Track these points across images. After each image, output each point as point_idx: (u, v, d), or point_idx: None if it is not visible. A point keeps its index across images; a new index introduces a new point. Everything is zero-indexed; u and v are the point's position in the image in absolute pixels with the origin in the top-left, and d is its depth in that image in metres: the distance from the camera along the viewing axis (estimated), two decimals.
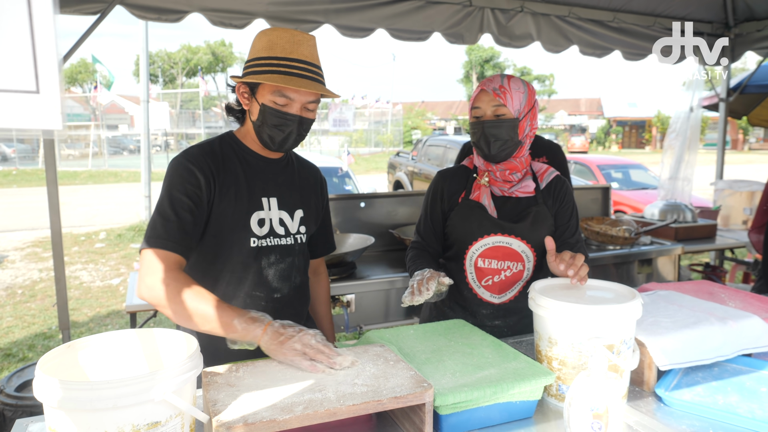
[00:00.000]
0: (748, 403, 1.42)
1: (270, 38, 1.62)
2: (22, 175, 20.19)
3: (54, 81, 0.57)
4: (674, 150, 5.56)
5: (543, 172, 2.06)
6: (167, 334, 1.21)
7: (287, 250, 1.77)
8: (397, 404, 1.18)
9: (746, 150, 40.40)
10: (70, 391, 0.91)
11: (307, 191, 1.88)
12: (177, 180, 1.60)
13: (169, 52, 41.86)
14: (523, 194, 1.98)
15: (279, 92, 1.61)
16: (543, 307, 1.44)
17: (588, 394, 1.19)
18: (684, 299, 1.83)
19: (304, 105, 1.65)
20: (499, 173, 1.97)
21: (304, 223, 1.83)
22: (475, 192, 2.00)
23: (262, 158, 1.77)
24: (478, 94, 1.94)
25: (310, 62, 1.63)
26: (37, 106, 0.58)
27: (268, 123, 1.65)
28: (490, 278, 1.97)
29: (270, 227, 1.74)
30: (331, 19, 3.79)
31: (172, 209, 1.56)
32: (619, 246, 4.16)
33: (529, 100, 1.93)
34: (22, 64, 0.55)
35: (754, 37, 4.87)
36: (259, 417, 1.08)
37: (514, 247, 1.94)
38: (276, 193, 1.77)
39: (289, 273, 1.79)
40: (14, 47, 0.53)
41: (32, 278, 7.05)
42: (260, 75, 1.60)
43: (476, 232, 1.95)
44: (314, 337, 1.38)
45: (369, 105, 33.92)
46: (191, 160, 1.63)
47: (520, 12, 4.21)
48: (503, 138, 1.89)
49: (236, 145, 1.75)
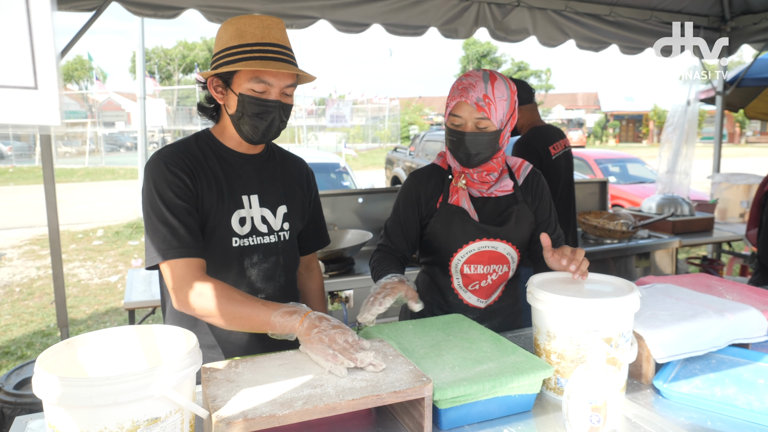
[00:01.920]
0: (745, 395, 1.42)
1: (237, 26, 1.57)
2: (18, 172, 20.13)
3: (52, 77, 0.57)
4: (672, 144, 5.57)
5: (518, 166, 1.99)
6: (166, 330, 1.21)
7: (270, 248, 1.72)
8: (396, 399, 1.19)
9: (743, 143, 40.46)
10: (69, 387, 0.91)
11: (291, 185, 1.82)
12: (164, 185, 1.55)
13: (166, 49, 41.76)
14: (501, 193, 1.93)
15: (257, 78, 1.56)
16: (541, 301, 1.44)
17: (586, 387, 1.20)
18: (681, 292, 1.84)
19: (283, 90, 1.60)
20: (476, 175, 1.90)
21: (288, 220, 1.77)
22: (453, 195, 1.91)
23: (240, 155, 1.71)
24: (459, 103, 1.80)
25: (283, 45, 1.58)
26: (35, 101, 0.57)
27: (249, 113, 1.59)
28: (477, 283, 1.93)
29: (252, 226, 1.69)
30: (326, 15, 3.78)
31: (173, 216, 1.53)
32: (616, 240, 4.17)
33: (511, 105, 1.84)
34: (20, 59, 0.55)
35: (750, 30, 4.88)
36: (258, 412, 1.08)
37: (499, 250, 1.90)
38: (257, 190, 1.71)
39: (273, 272, 1.74)
40: (12, 42, 0.53)
41: (30, 276, 7.04)
42: (234, 64, 1.55)
43: (461, 239, 1.89)
44: (343, 335, 1.36)
45: (366, 100, 33.87)
46: (170, 161, 1.58)
47: (517, 6, 4.22)
48: (484, 151, 1.82)
49: (213, 143, 1.70)
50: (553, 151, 3.43)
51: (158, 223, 1.53)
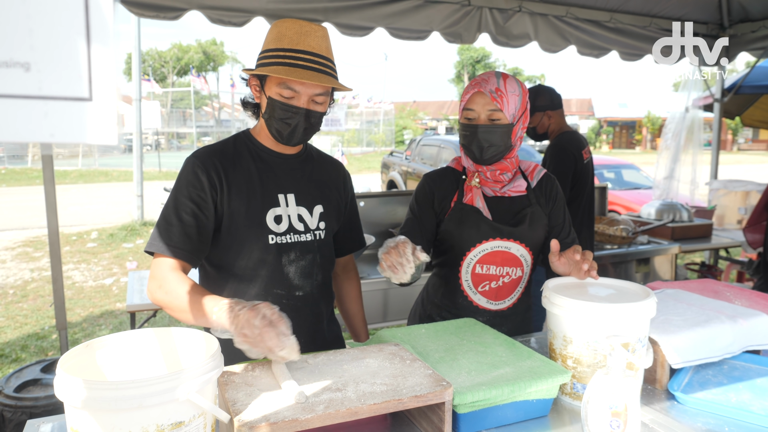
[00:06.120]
0: (760, 401, 1.42)
1: (280, 29, 1.60)
2: (11, 174, 19.97)
3: (111, 86, 0.51)
4: (670, 150, 5.60)
5: (532, 170, 2.01)
6: (186, 333, 1.19)
7: (307, 246, 1.74)
8: (417, 403, 1.18)
9: (735, 150, 40.75)
10: (94, 390, 0.90)
11: (328, 186, 1.84)
12: (183, 183, 1.62)
13: (160, 51, 41.63)
14: (515, 193, 1.94)
15: (284, 84, 1.58)
16: (558, 306, 1.44)
17: (606, 392, 1.19)
18: (692, 297, 1.84)
19: (312, 98, 1.61)
20: (489, 173, 1.91)
21: (324, 219, 1.79)
22: (468, 195, 1.93)
23: (277, 154, 1.74)
24: (472, 95, 1.85)
25: (317, 53, 1.59)
26: (88, 115, 0.52)
27: (275, 116, 1.62)
28: (487, 284, 1.92)
29: (289, 224, 1.71)
30: (330, 18, 3.78)
31: (175, 213, 1.59)
32: (616, 245, 4.18)
33: (523, 102, 1.87)
34: (74, 64, 0.50)
35: (748, 38, 4.91)
36: (281, 416, 1.07)
37: (513, 251, 1.89)
38: (293, 188, 1.74)
39: (311, 270, 1.75)
40: (65, 45, 0.49)
41: (24, 278, 6.97)
42: (267, 67, 1.58)
43: (474, 238, 1.89)
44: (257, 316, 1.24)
45: (361, 104, 33.88)
46: (197, 161, 1.64)
47: (518, 12, 4.22)
48: (497, 144, 1.84)
49: (250, 142, 1.74)
50: (585, 156, 3.49)
51: (161, 216, 1.61)
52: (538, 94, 3.50)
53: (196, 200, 1.60)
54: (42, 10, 0.49)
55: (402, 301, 3.54)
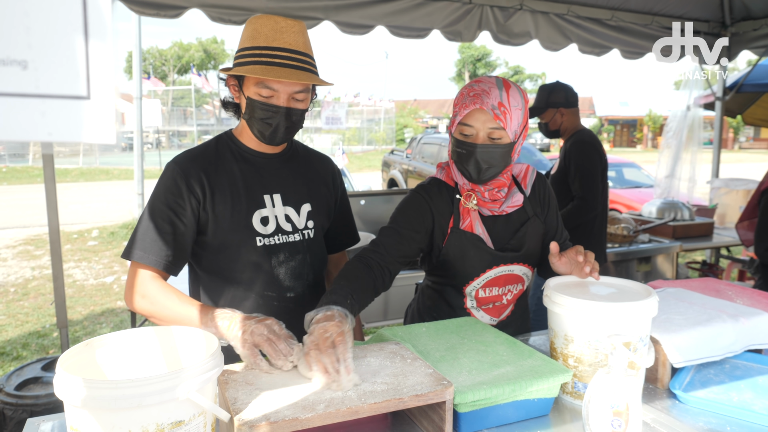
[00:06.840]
0: (762, 400, 1.42)
1: (255, 27, 1.56)
2: (11, 172, 19.98)
3: (109, 84, 0.50)
4: (671, 148, 5.59)
5: (524, 174, 1.88)
6: (186, 332, 1.19)
7: (296, 246, 1.72)
8: (418, 402, 1.18)
9: (736, 149, 40.72)
10: (94, 389, 0.90)
11: (316, 183, 1.81)
12: (161, 190, 1.60)
13: (161, 49, 41.65)
14: (512, 209, 1.81)
15: (262, 84, 1.55)
16: (559, 305, 1.43)
17: (608, 392, 1.19)
18: (694, 296, 1.84)
19: (291, 95, 1.58)
20: (487, 194, 1.76)
21: (313, 218, 1.77)
22: (466, 219, 1.77)
23: (261, 154, 1.71)
24: (472, 111, 1.64)
25: (295, 50, 1.55)
26: (86, 114, 0.51)
27: (256, 116, 1.59)
28: (492, 304, 1.87)
29: (276, 225, 1.69)
30: (331, 16, 3.77)
31: (152, 220, 1.57)
32: (617, 244, 4.17)
33: (525, 115, 1.70)
34: (72, 62, 0.49)
35: (750, 36, 4.90)
36: (281, 415, 1.07)
37: (516, 272, 1.83)
38: (279, 188, 1.71)
39: (301, 270, 1.73)
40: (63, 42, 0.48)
41: (25, 276, 6.98)
42: (243, 67, 1.55)
43: (477, 268, 1.78)
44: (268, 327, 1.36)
45: (362, 103, 33.87)
46: (177, 167, 1.62)
47: (519, 10, 4.21)
48: (496, 165, 1.68)
49: (233, 143, 1.70)
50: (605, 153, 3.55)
51: (139, 223, 1.59)
52: (553, 91, 3.52)
53: (173, 207, 1.58)
54: (39, 7, 0.49)
55: (402, 301, 3.54)
